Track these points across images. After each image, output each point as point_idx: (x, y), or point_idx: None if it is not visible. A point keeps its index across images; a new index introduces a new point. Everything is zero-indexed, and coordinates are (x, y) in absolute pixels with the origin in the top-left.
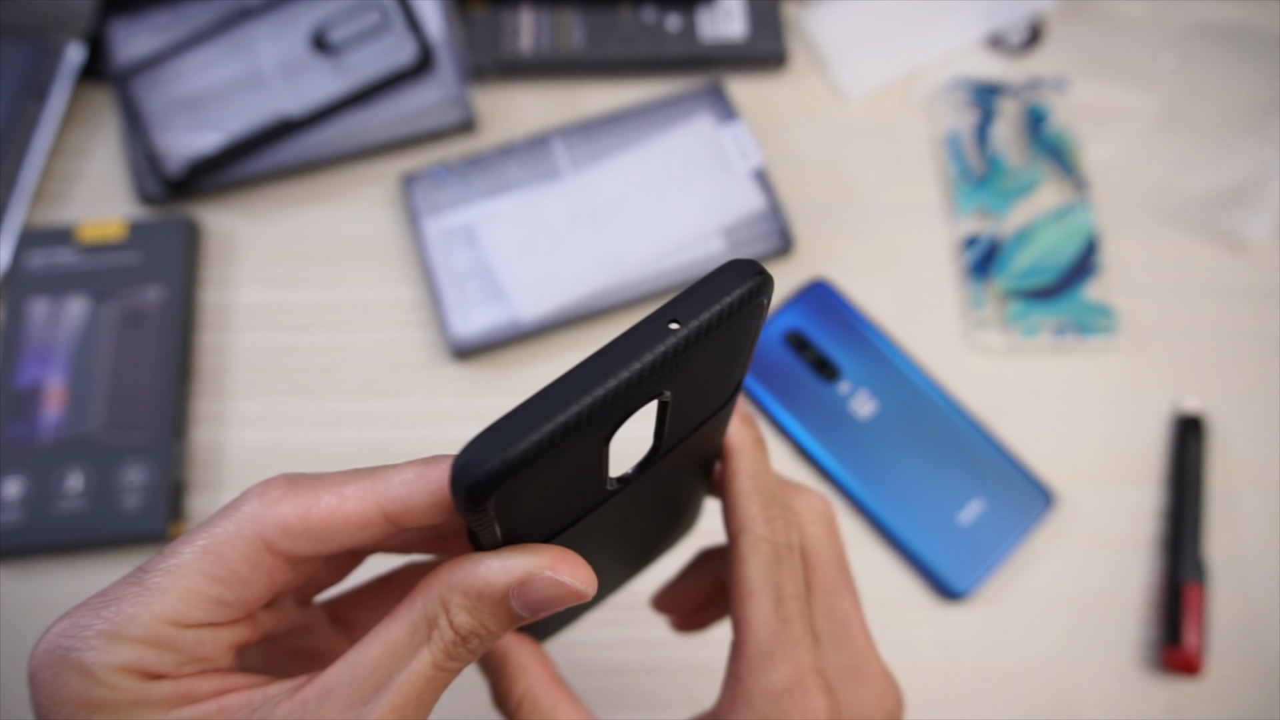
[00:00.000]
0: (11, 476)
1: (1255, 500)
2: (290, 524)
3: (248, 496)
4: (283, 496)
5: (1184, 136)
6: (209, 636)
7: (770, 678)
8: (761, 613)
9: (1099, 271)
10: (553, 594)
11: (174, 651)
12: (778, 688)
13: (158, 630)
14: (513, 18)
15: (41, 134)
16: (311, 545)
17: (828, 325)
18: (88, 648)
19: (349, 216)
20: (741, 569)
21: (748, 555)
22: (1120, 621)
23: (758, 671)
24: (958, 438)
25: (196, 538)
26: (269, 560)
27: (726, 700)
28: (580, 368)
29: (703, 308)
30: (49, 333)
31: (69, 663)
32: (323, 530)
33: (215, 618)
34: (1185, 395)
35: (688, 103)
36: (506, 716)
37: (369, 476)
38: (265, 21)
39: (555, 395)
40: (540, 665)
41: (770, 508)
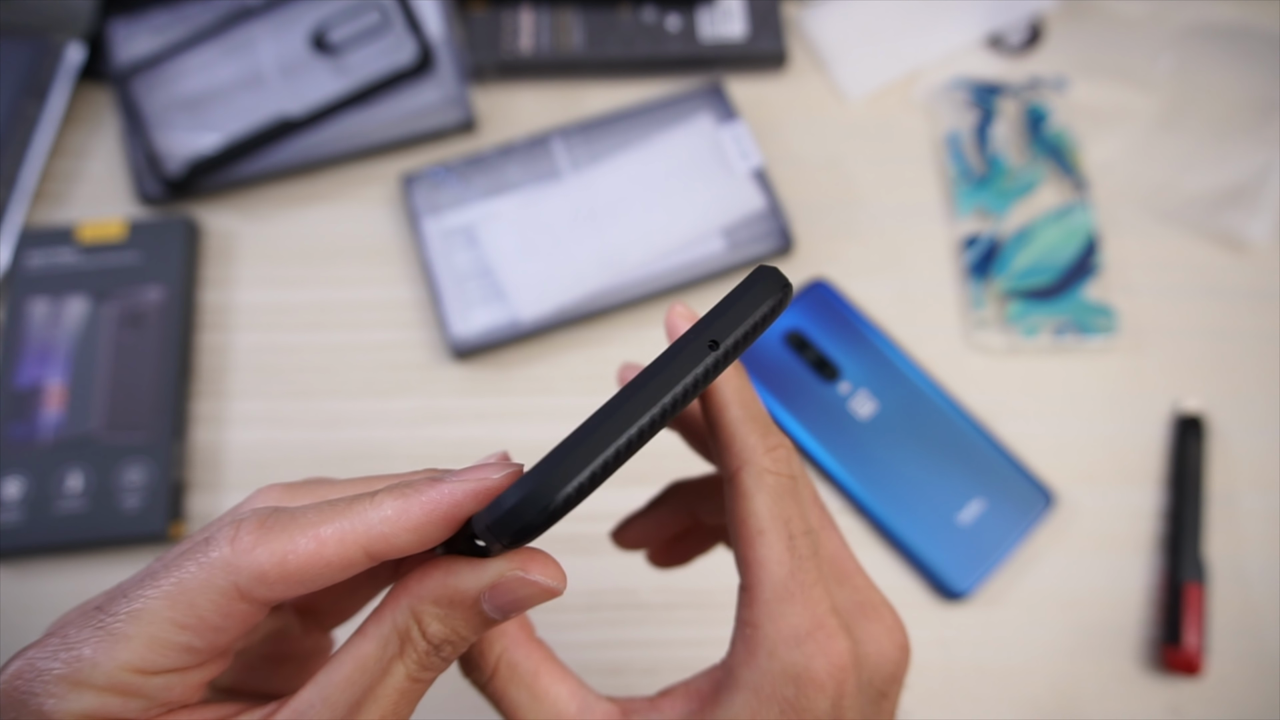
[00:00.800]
0: (11, 476)
1: (1255, 500)
2: (266, 573)
3: (216, 540)
4: (256, 543)
5: (1184, 136)
6: (177, 680)
7: (790, 622)
8: (775, 553)
9: (1099, 271)
10: (525, 594)
11: (139, 698)
12: (800, 632)
13: (122, 678)
14: (513, 18)
15: (41, 134)
16: (289, 590)
17: (828, 325)
18: (47, 695)
19: (349, 216)
20: (746, 505)
21: (753, 490)
22: (1120, 621)
23: (775, 617)
24: (958, 438)
25: (162, 581)
26: (241, 607)
27: (741, 651)
28: (626, 393)
29: (736, 324)
30: (49, 333)
31: (29, 708)
32: (301, 576)
33: (183, 664)
34: (1185, 395)
35: (688, 103)
36: (479, 684)
37: (345, 514)
38: (265, 21)
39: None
40: (518, 625)
41: (770, 436)
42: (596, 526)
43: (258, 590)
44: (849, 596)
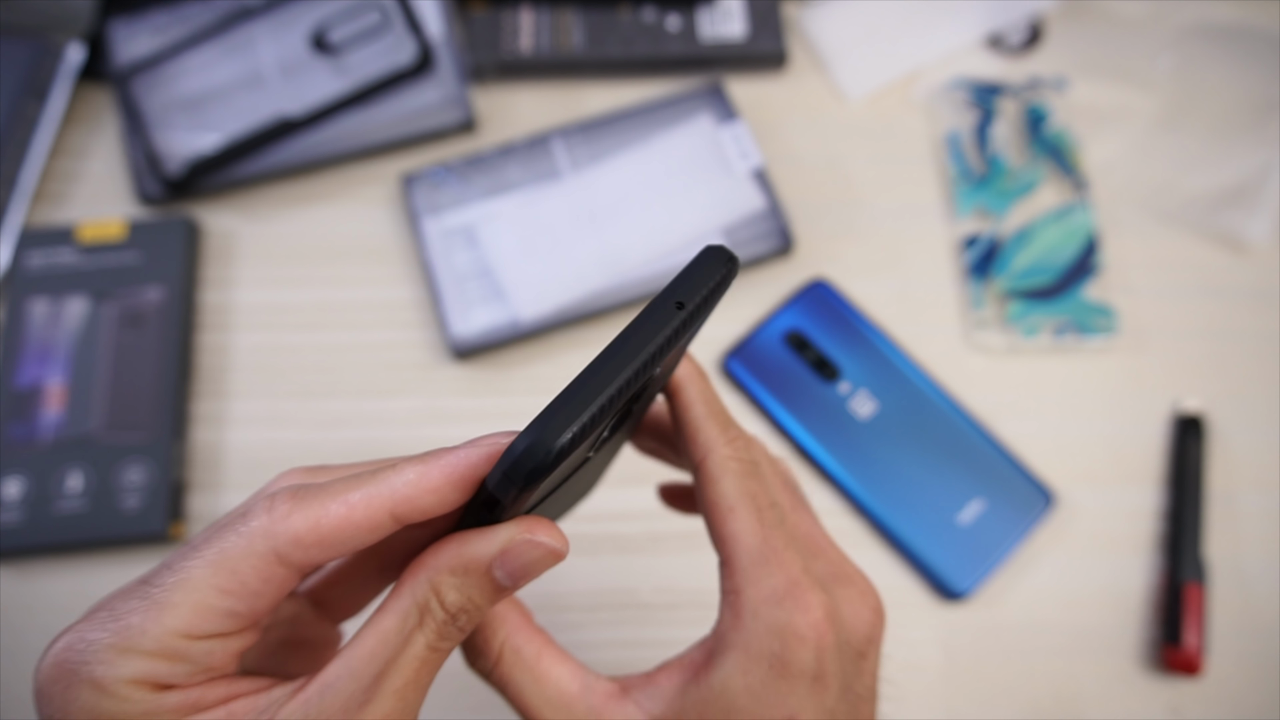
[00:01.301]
0: (11, 476)
1: (1255, 500)
2: (302, 537)
3: (254, 511)
4: (291, 510)
5: (1184, 137)
6: (218, 646)
7: (768, 584)
8: (746, 525)
9: (1099, 271)
10: (532, 557)
11: (185, 663)
12: (779, 591)
13: (169, 643)
14: (513, 18)
15: (41, 134)
16: (324, 554)
17: (828, 325)
18: (98, 661)
19: (349, 216)
20: (715, 489)
21: (718, 475)
22: (1120, 621)
23: (754, 581)
24: (958, 438)
25: (204, 551)
26: (280, 572)
27: (728, 617)
28: (611, 349)
29: (698, 290)
30: (49, 333)
31: (80, 677)
32: (334, 539)
33: (226, 629)
34: (1185, 395)
35: (688, 103)
36: (484, 671)
37: (370, 482)
38: (265, 21)
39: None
40: (518, 613)
41: (729, 429)
42: (596, 527)
43: (294, 554)
44: (823, 568)
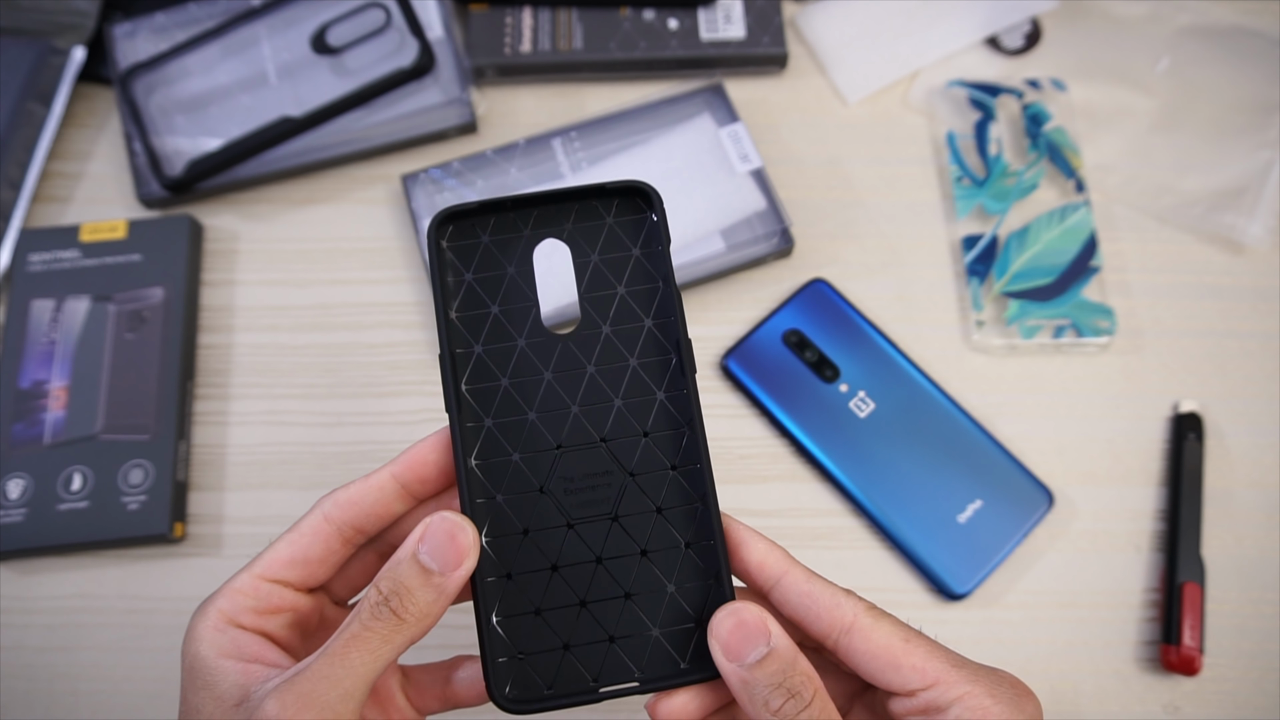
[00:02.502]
0: (14, 476)
1: (1253, 500)
2: (339, 498)
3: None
4: (336, 489)
5: (1182, 137)
6: (278, 591)
7: (985, 684)
8: (927, 647)
9: (1097, 272)
10: (443, 530)
11: (253, 598)
12: (996, 688)
13: (248, 582)
14: (513, 19)
15: (44, 136)
16: (355, 511)
17: (827, 325)
18: (212, 596)
19: (350, 217)
20: (878, 636)
21: (873, 623)
22: (1119, 621)
23: (964, 689)
24: (957, 438)
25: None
26: (326, 528)
27: None
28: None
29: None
30: (51, 333)
31: (194, 618)
32: (359, 498)
33: (288, 576)
34: (1183, 395)
35: (688, 104)
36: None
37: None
38: (266, 23)
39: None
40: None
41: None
42: None
43: (335, 512)
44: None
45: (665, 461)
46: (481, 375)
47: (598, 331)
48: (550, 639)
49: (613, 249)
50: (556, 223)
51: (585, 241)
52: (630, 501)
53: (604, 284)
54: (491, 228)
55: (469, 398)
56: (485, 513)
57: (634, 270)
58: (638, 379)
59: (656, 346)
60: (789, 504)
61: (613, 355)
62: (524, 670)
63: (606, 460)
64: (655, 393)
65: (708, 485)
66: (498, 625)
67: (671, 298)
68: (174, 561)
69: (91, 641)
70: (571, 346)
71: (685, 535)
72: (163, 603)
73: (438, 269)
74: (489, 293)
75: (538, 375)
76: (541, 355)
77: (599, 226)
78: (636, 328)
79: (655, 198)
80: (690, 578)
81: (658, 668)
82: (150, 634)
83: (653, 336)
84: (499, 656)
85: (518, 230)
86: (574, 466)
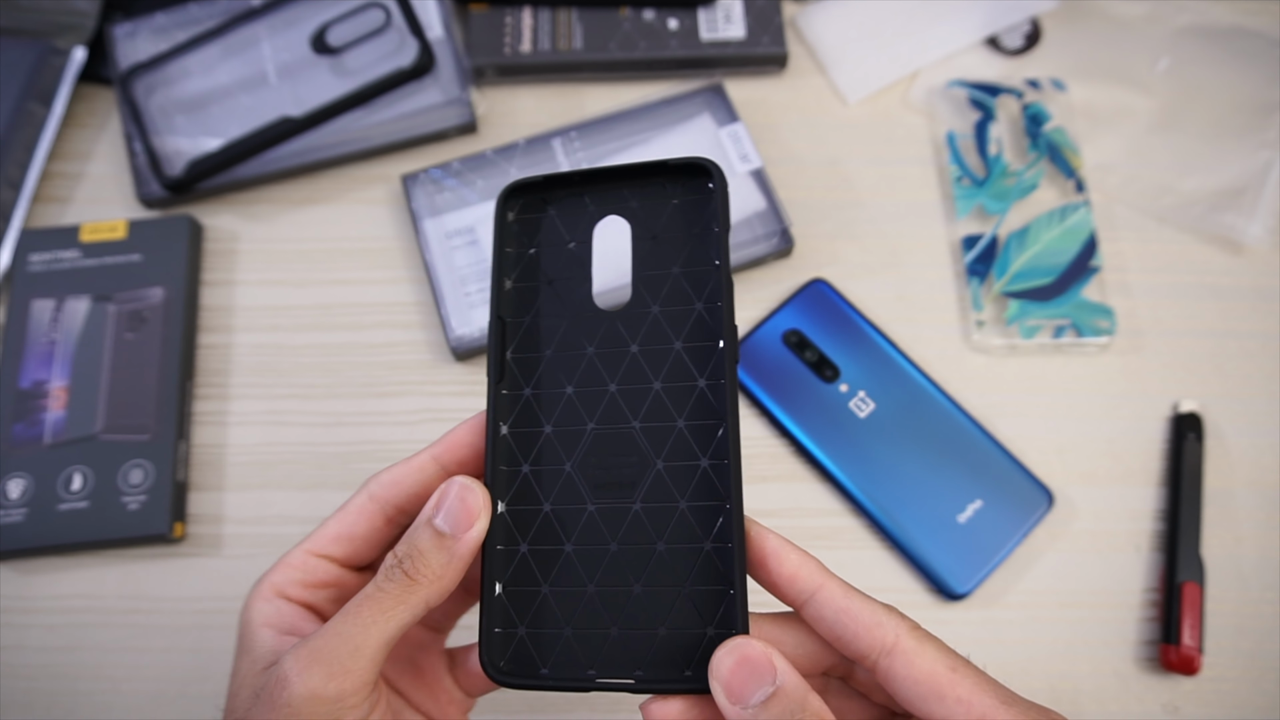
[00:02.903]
0: (14, 476)
1: (1253, 500)
2: (383, 478)
3: None
4: (380, 471)
5: (1181, 138)
6: (324, 566)
7: None
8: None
9: (1097, 272)
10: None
11: (301, 571)
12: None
13: (299, 558)
14: (513, 19)
15: (45, 136)
16: (398, 491)
17: (827, 325)
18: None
19: (350, 218)
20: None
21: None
22: (1118, 621)
23: None
24: (957, 438)
25: None
26: (370, 506)
27: None
28: None
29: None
30: (51, 333)
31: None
32: (402, 478)
33: (335, 552)
34: (1183, 395)
35: (688, 104)
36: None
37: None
38: (266, 23)
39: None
40: None
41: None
42: None
43: (379, 490)
44: None
45: (697, 453)
46: (527, 345)
47: (647, 310)
48: (553, 619)
49: (674, 228)
50: (620, 200)
51: (647, 220)
52: (655, 491)
53: (660, 263)
54: (557, 202)
55: (512, 366)
56: (508, 481)
57: (691, 251)
58: (680, 364)
59: (703, 331)
60: (789, 504)
61: (659, 336)
62: (522, 645)
63: (637, 444)
64: (697, 380)
65: (734, 486)
66: (502, 594)
67: (723, 283)
68: (174, 561)
69: (91, 641)
70: (619, 325)
71: (706, 535)
72: (163, 603)
73: (500, 238)
74: (547, 265)
75: (581, 350)
76: (588, 331)
77: (662, 206)
78: (686, 310)
79: (718, 175)
80: (706, 580)
81: (659, 669)
82: (150, 634)
83: (701, 320)
84: (496, 626)
85: (582, 205)
86: (604, 447)
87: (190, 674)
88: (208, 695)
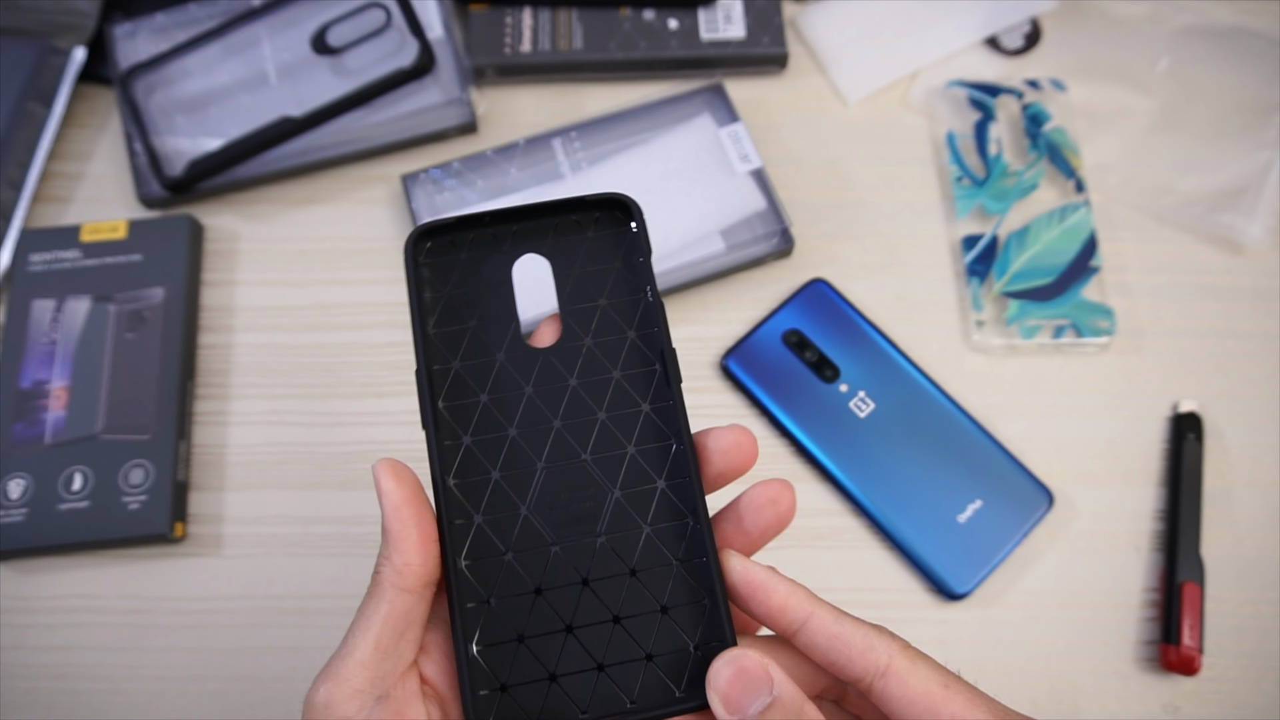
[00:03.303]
0: (14, 476)
1: (1253, 500)
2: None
3: None
4: None
5: (1181, 138)
6: None
7: None
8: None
9: (1097, 272)
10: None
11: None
12: None
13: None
14: (513, 19)
15: (45, 136)
16: None
17: (827, 325)
18: None
19: (350, 218)
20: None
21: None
22: (1118, 621)
23: None
24: (957, 438)
25: None
26: None
27: None
28: None
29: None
30: (51, 333)
31: None
32: None
33: None
34: (1183, 395)
35: (688, 104)
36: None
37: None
38: (266, 23)
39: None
40: None
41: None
42: None
43: None
44: None
45: (652, 476)
46: (459, 392)
47: (580, 344)
48: (535, 669)
49: (594, 262)
50: (536, 236)
51: (566, 255)
52: (617, 519)
53: (585, 297)
54: (470, 244)
55: (446, 415)
56: (463, 534)
57: (616, 282)
58: (621, 391)
59: (640, 358)
60: None
61: (595, 368)
62: (507, 703)
63: (591, 476)
64: (640, 405)
65: (698, 499)
66: (479, 655)
67: (654, 309)
68: (174, 561)
69: (91, 641)
70: (553, 360)
71: (676, 553)
72: (163, 603)
73: (415, 285)
74: (468, 308)
75: (518, 390)
76: (522, 370)
77: (579, 240)
78: (619, 339)
79: (635, 209)
80: (683, 598)
81: (651, 696)
82: (150, 634)
83: (636, 348)
84: (480, 689)
85: (497, 245)
86: (557, 484)
87: (190, 674)
88: (207, 695)
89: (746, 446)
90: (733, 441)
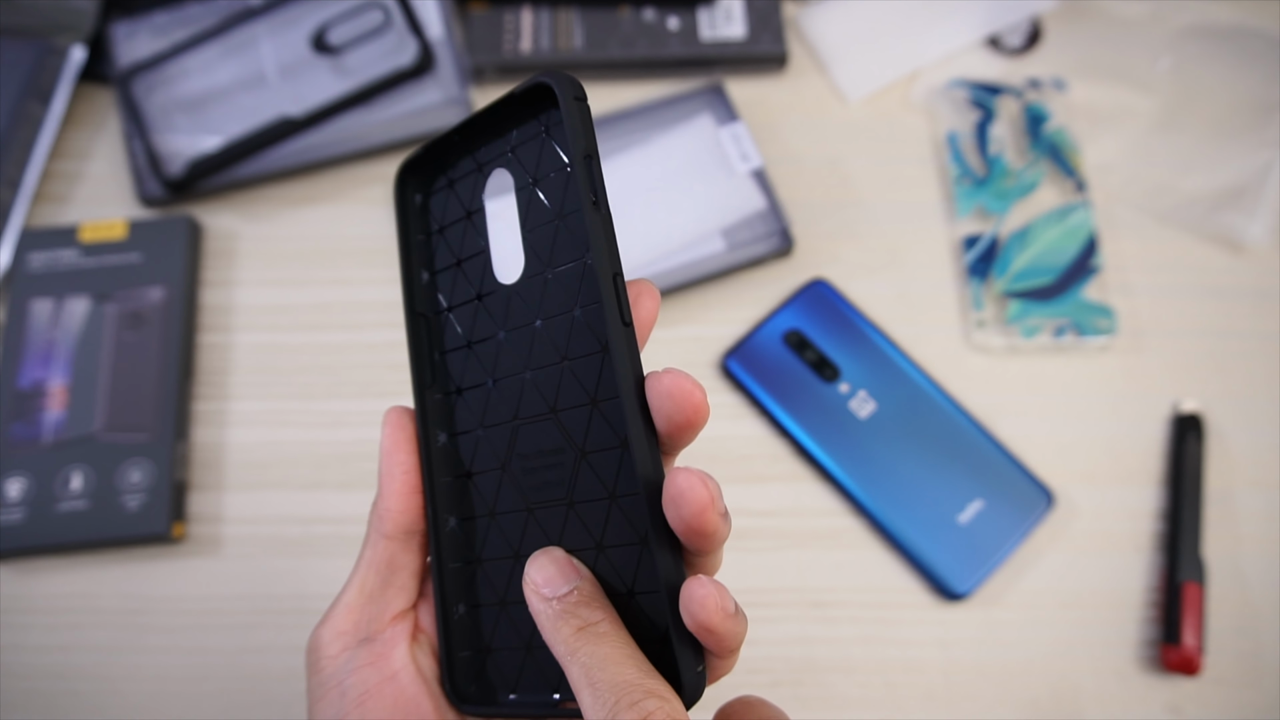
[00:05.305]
0: (13, 476)
1: (1253, 500)
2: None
3: None
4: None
5: (1182, 137)
6: None
7: None
8: None
9: (1098, 272)
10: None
11: None
12: None
13: None
14: (513, 18)
15: (44, 135)
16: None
17: (827, 325)
18: None
19: (349, 217)
20: None
21: None
22: (1119, 621)
23: None
24: (958, 438)
25: None
26: None
27: None
28: None
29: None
30: (51, 333)
31: None
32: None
33: None
34: (1184, 395)
35: (688, 104)
36: None
37: None
38: (266, 22)
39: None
40: None
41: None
42: None
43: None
44: None
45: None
46: (450, 340)
47: (541, 275)
48: (513, 636)
49: (547, 166)
50: (502, 148)
51: (524, 163)
52: (585, 486)
53: (542, 213)
54: (451, 168)
55: (442, 365)
56: (456, 493)
57: (569, 190)
58: (583, 333)
59: (596, 290)
60: (789, 504)
61: (557, 304)
62: (487, 667)
63: (559, 435)
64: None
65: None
66: (465, 615)
67: (598, 221)
68: (173, 561)
69: (91, 641)
70: (519, 298)
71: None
72: (162, 603)
73: (405, 227)
74: (454, 245)
75: (494, 335)
76: (497, 312)
77: (536, 142)
78: (578, 265)
79: (568, 88)
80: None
81: None
82: (150, 634)
83: (592, 275)
84: (463, 650)
85: (473, 166)
86: (530, 442)
87: (189, 674)
88: (206, 695)
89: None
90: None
